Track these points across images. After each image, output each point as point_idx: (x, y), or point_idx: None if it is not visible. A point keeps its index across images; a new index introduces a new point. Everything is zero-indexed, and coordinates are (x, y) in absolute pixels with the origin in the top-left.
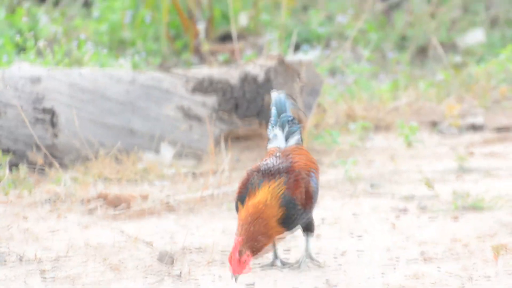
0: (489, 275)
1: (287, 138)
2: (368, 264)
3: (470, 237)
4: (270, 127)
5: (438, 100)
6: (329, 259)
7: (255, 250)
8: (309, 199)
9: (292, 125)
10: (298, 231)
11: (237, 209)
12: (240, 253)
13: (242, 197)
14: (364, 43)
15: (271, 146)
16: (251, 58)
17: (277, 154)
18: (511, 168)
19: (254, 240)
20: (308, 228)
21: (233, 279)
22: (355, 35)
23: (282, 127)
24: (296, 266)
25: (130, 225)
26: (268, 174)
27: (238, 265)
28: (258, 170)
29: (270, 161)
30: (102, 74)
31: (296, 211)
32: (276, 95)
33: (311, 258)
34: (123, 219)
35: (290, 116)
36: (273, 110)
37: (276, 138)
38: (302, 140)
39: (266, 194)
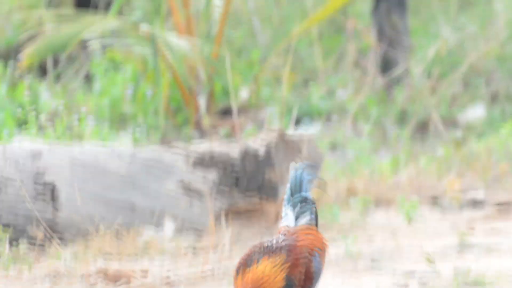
0: None
1: (297, 218)
2: None
3: None
4: (284, 205)
5: (438, 176)
6: None
7: None
8: (309, 280)
9: (304, 204)
10: None
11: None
12: None
13: (239, 270)
14: (365, 118)
15: (281, 225)
16: (252, 133)
17: (284, 233)
18: None
19: None
20: None
21: None
22: (356, 110)
23: (294, 206)
24: None
25: None
26: (270, 251)
27: None
28: (260, 247)
29: (275, 239)
30: (103, 151)
31: None
32: (293, 172)
33: None
34: None
35: (303, 196)
36: (288, 188)
37: (287, 217)
38: (316, 219)
39: (266, 269)
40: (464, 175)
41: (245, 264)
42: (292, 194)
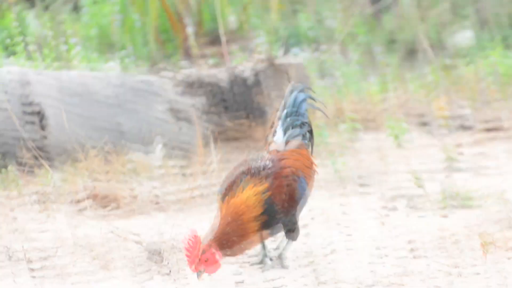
0: (478, 272)
1: (287, 141)
2: (357, 261)
3: (459, 234)
4: (276, 126)
5: (427, 100)
6: (318, 256)
7: (225, 249)
8: (292, 206)
9: (297, 126)
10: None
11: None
12: (203, 251)
13: (225, 195)
14: (354, 45)
15: (271, 147)
16: (240, 60)
17: (272, 157)
18: (500, 167)
19: (227, 240)
20: (291, 235)
21: (197, 276)
22: (345, 38)
23: (286, 129)
24: (261, 266)
25: (120, 224)
26: (256, 176)
27: (198, 262)
28: (248, 172)
29: (262, 164)
30: (91, 77)
31: (276, 217)
32: (289, 93)
33: (282, 264)
34: (112, 218)
35: (298, 119)
36: (283, 110)
37: (277, 140)
38: (309, 143)
39: (249, 196)
40: (452, 99)
41: (231, 191)
42: (286, 115)
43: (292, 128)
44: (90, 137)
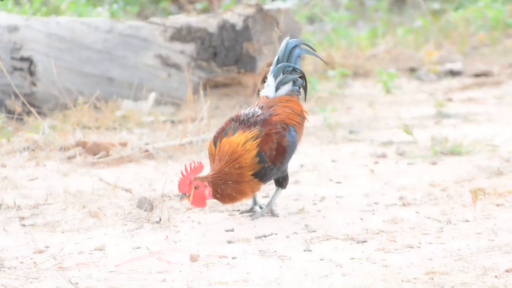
0: (468, 219)
1: (278, 88)
2: (347, 210)
3: (448, 182)
4: (268, 74)
5: (416, 47)
6: (308, 205)
7: (217, 191)
8: (280, 155)
9: (288, 74)
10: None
11: (211, 149)
12: (197, 186)
13: (216, 139)
14: None
15: (261, 94)
16: (229, 7)
17: (261, 105)
18: (489, 113)
19: (223, 182)
20: (280, 183)
21: (179, 197)
22: None
23: (276, 76)
24: (252, 215)
25: (109, 172)
26: (245, 124)
27: (188, 188)
28: (237, 119)
29: (251, 111)
30: (80, 23)
31: (264, 166)
32: (284, 42)
33: (272, 212)
34: (102, 166)
35: (289, 65)
36: (276, 57)
37: (268, 87)
38: (301, 90)
39: (241, 141)
40: (441, 45)
41: (221, 136)
42: (277, 61)
43: (283, 74)
44: (79, 84)
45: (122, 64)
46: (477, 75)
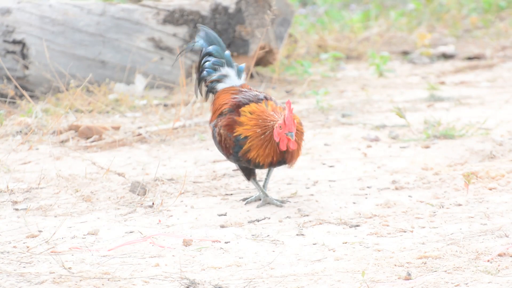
0: (460, 203)
1: (239, 76)
2: (339, 193)
3: (441, 166)
4: (209, 67)
5: (409, 30)
6: (301, 188)
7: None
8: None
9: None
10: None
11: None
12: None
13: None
14: None
15: (224, 86)
16: None
17: (243, 90)
18: (481, 96)
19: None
20: None
21: (291, 135)
22: None
23: (231, 64)
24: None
25: (102, 156)
26: (255, 102)
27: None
28: (239, 105)
29: (244, 95)
30: (72, 5)
31: None
32: (203, 30)
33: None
34: (94, 150)
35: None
36: (212, 48)
37: (229, 77)
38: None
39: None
40: (434, 28)
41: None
42: (219, 51)
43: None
44: (72, 67)
45: (114, 47)
46: (469, 58)
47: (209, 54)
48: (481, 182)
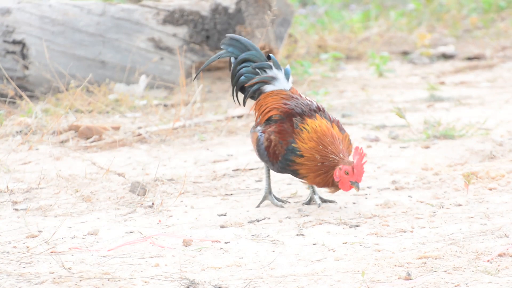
0: (460, 203)
1: (288, 79)
2: (339, 194)
3: (441, 166)
4: (247, 72)
5: (409, 30)
6: (301, 189)
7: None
8: None
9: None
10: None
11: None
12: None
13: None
14: None
15: (273, 88)
16: None
17: (294, 96)
18: (481, 97)
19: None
20: None
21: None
22: None
23: (278, 66)
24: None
25: (102, 156)
26: (307, 113)
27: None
28: (291, 113)
29: (296, 102)
30: (72, 6)
31: None
32: (232, 38)
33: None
34: (94, 150)
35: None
36: (248, 54)
37: (277, 80)
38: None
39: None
40: (434, 28)
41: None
42: (258, 54)
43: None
44: (72, 67)
45: (114, 47)
46: (469, 58)
47: (246, 60)
48: (481, 182)
